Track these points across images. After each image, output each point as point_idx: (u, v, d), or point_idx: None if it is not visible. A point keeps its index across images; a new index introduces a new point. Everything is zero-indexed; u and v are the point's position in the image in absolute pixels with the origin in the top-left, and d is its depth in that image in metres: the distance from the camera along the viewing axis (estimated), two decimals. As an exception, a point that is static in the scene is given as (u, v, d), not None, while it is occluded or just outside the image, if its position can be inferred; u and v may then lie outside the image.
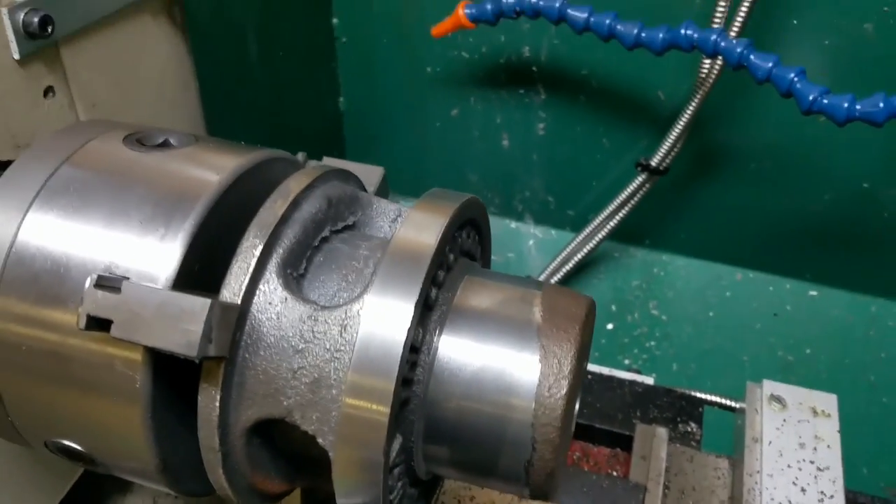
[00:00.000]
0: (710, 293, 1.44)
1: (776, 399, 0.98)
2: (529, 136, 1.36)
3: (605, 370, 1.18)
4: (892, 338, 1.34)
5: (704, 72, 1.07)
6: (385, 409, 0.54)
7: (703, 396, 1.12)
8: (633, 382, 1.13)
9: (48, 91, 0.77)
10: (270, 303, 0.57)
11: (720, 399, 1.12)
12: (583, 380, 0.64)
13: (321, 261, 0.63)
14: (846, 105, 0.92)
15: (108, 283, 0.52)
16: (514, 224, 1.48)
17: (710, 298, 1.44)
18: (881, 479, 1.22)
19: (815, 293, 1.38)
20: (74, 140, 0.65)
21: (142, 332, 0.51)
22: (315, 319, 0.57)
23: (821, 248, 1.34)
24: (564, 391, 0.58)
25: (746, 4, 1.05)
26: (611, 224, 1.31)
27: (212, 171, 0.62)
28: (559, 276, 1.40)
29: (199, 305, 0.51)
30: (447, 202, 0.63)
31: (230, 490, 0.61)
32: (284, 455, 0.65)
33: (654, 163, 1.19)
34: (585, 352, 0.62)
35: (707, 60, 1.07)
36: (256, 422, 0.58)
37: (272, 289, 0.58)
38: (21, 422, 0.64)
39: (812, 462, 0.92)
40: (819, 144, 1.21)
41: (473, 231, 0.71)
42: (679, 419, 1.10)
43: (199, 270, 0.59)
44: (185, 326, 0.51)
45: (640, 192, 1.26)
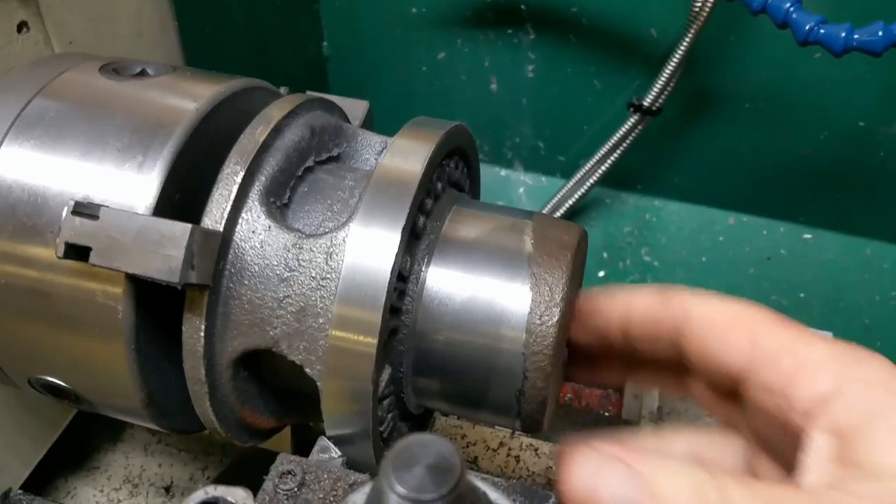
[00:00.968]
0: (703, 238, 1.43)
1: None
2: (518, 80, 1.34)
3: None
4: (887, 280, 1.34)
5: (698, 5, 1.04)
6: (374, 333, 0.53)
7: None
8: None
9: (22, 26, 0.75)
10: (254, 231, 0.56)
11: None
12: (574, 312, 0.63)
13: (305, 191, 0.62)
14: (843, 35, 0.90)
15: (87, 211, 0.51)
16: (504, 171, 1.46)
17: (703, 243, 1.43)
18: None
19: (809, 236, 1.37)
20: (49, 71, 0.63)
21: (121, 259, 0.50)
22: (300, 248, 0.56)
23: (815, 191, 1.32)
24: (556, 318, 0.57)
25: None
26: (602, 169, 1.29)
27: (190, 99, 0.60)
28: (551, 223, 1.38)
29: (180, 230, 0.50)
30: (433, 129, 0.62)
31: (218, 424, 0.60)
32: (273, 390, 0.64)
33: (647, 102, 1.17)
34: (578, 281, 0.61)
35: (701, -7, 1.05)
36: (243, 352, 0.57)
37: (255, 217, 0.56)
38: (4, 359, 0.63)
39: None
40: (814, 82, 1.19)
41: (462, 162, 0.70)
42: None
43: (180, 200, 0.58)
44: (166, 252, 0.49)
45: (632, 135, 1.24)
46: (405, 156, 0.58)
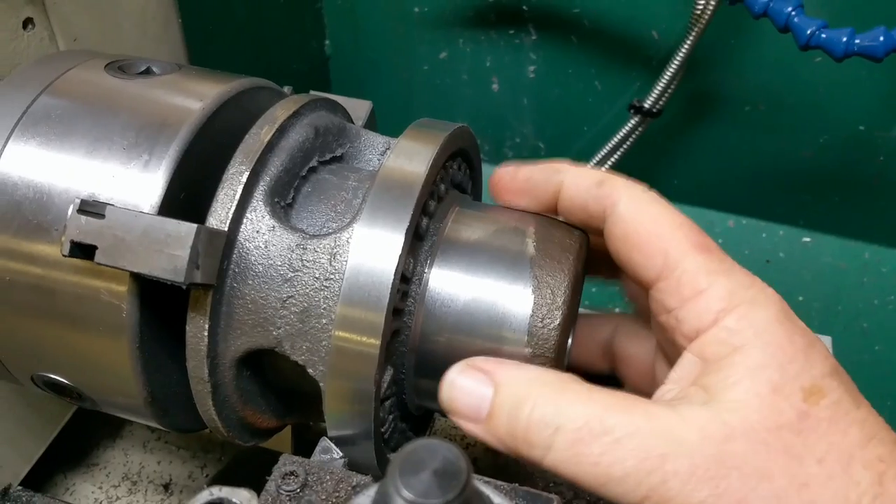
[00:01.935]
0: (702, 240, 1.44)
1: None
2: (520, 80, 1.34)
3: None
4: (886, 284, 1.34)
5: (700, 8, 1.05)
6: (377, 334, 0.53)
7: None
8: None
9: (28, 23, 0.75)
10: (258, 231, 0.56)
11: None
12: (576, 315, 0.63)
13: (309, 191, 0.62)
14: (845, 39, 0.90)
15: (92, 209, 0.51)
16: (505, 171, 1.47)
17: (702, 245, 1.44)
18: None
19: (809, 239, 1.37)
20: (55, 68, 0.63)
21: (127, 258, 0.50)
22: (304, 248, 0.56)
23: (814, 194, 1.32)
24: (558, 321, 0.57)
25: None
26: (602, 170, 1.29)
27: (195, 98, 0.60)
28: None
29: (186, 230, 0.50)
30: (437, 130, 0.62)
31: (220, 423, 0.60)
32: (275, 390, 0.65)
33: (648, 104, 1.17)
34: (579, 284, 0.61)
35: (703, -5, 1.05)
36: (246, 352, 0.57)
37: (259, 217, 0.56)
38: (7, 356, 0.63)
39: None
40: (815, 86, 1.19)
41: (464, 164, 0.70)
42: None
43: (185, 199, 0.58)
44: (172, 251, 0.50)
45: (633, 137, 1.24)
46: (409, 157, 0.58)
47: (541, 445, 0.48)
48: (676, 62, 1.13)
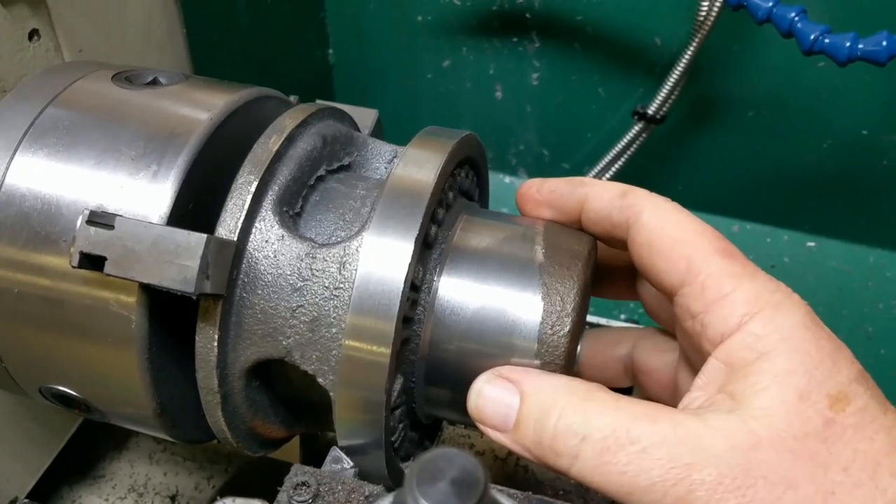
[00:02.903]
0: (707, 245, 1.44)
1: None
2: (523, 87, 1.34)
3: (603, 321, 1.17)
4: (890, 288, 1.33)
5: (703, 14, 1.05)
6: (387, 343, 0.53)
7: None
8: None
9: (33, 34, 0.75)
10: (267, 241, 0.56)
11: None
12: (585, 321, 0.63)
13: (317, 200, 0.62)
14: (848, 44, 0.90)
15: (101, 220, 0.51)
16: (508, 178, 1.46)
17: (707, 251, 1.43)
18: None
19: (813, 244, 1.37)
20: (62, 79, 0.63)
21: (137, 269, 0.50)
22: (313, 257, 0.56)
23: (819, 199, 1.32)
24: (567, 328, 0.57)
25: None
26: (606, 176, 1.29)
27: (203, 108, 0.60)
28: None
29: (196, 240, 0.50)
30: (445, 138, 0.62)
31: (230, 434, 0.60)
32: (283, 399, 0.64)
33: (651, 111, 1.18)
34: (587, 290, 0.61)
35: (705, 2, 1.05)
36: (255, 362, 0.57)
37: (268, 226, 0.56)
38: (15, 368, 0.62)
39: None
40: (818, 91, 1.19)
41: (472, 171, 0.70)
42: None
43: (193, 210, 0.58)
44: (182, 262, 0.49)
45: (636, 143, 1.24)
46: (418, 165, 0.58)
47: (567, 454, 0.48)
48: (680, 68, 1.13)
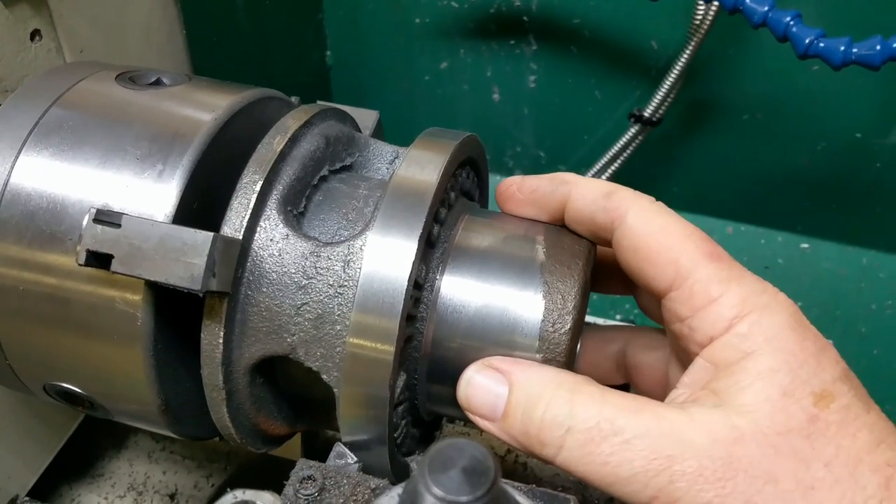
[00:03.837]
0: (701, 247, 1.44)
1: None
2: (520, 90, 1.35)
3: (599, 320, 1.18)
4: (884, 289, 1.34)
5: (699, 18, 1.06)
6: (391, 340, 0.54)
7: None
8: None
9: (35, 34, 0.76)
10: (272, 239, 0.57)
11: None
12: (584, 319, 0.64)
13: (320, 199, 0.62)
14: (842, 48, 0.91)
15: (108, 219, 0.51)
16: (505, 180, 1.48)
17: (701, 252, 1.44)
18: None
19: (807, 246, 1.38)
20: (65, 80, 0.64)
21: (144, 267, 0.51)
22: (317, 255, 0.57)
23: (812, 201, 1.33)
24: (569, 326, 0.57)
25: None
26: (602, 178, 1.30)
27: (207, 109, 0.61)
28: (550, 232, 1.39)
29: (202, 238, 0.50)
30: (447, 139, 0.63)
31: (234, 430, 0.60)
32: (287, 396, 0.65)
33: (647, 113, 1.19)
34: (588, 289, 0.62)
35: (701, 6, 1.06)
36: (260, 359, 0.58)
37: (273, 225, 0.57)
38: (20, 365, 0.63)
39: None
40: (812, 94, 1.20)
41: (472, 172, 0.71)
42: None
43: (198, 209, 0.58)
44: (189, 260, 0.50)
45: (633, 145, 1.25)
46: (421, 166, 0.59)
47: (553, 445, 0.49)
48: (676, 71, 1.14)
